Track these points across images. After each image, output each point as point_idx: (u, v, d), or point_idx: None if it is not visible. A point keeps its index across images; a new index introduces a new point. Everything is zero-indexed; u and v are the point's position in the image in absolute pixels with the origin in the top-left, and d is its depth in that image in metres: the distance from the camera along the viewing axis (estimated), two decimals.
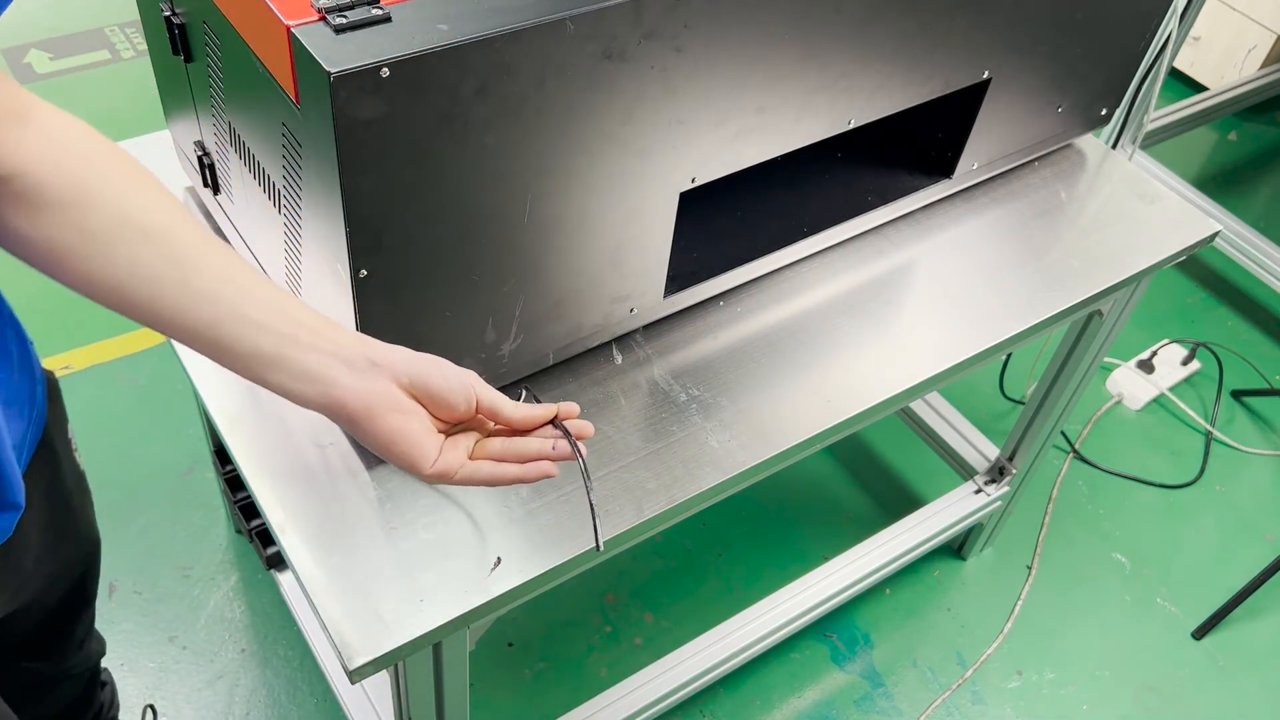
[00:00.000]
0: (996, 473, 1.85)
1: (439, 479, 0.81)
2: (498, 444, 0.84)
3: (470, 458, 0.82)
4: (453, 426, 0.83)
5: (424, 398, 0.79)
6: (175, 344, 1.14)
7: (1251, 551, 2.06)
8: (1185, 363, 2.34)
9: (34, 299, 2.00)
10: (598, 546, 0.92)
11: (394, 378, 0.78)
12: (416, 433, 0.78)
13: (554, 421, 0.85)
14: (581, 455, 0.85)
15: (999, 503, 1.87)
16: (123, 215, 0.71)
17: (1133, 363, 2.32)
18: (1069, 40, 1.30)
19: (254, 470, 1.04)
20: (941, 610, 1.93)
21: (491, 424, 0.85)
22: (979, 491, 1.85)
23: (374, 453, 0.80)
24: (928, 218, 1.40)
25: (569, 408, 0.86)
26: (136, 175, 0.73)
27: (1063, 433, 2.20)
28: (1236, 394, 2.35)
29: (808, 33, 1.02)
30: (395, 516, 1.00)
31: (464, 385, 0.80)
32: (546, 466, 0.84)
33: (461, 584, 0.96)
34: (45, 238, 0.68)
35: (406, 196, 0.86)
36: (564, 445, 0.84)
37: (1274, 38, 2.87)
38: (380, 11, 0.80)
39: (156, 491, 1.92)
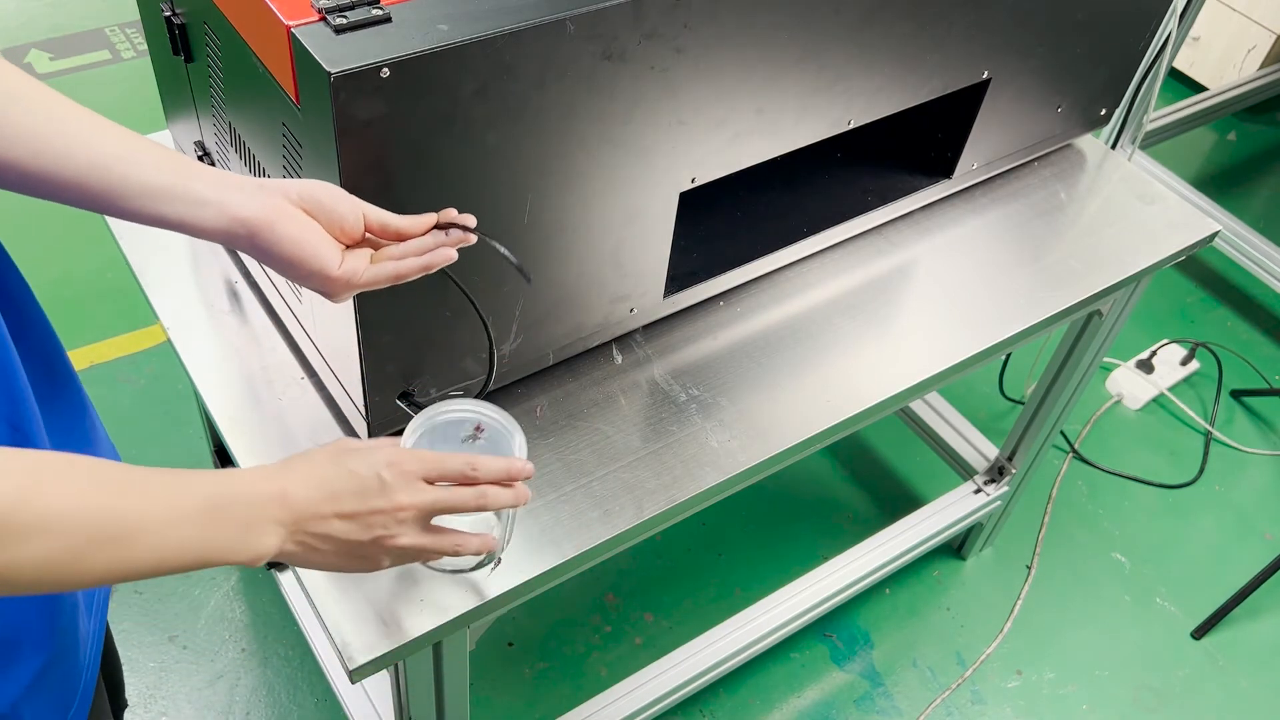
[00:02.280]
0: (996, 473, 1.85)
1: (346, 285, 0.80)
2: (396, 248, 0.83)
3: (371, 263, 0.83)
4: (351, 245, 0.82)
5: (316, 212, 0.79)
6: (175, 344, 1.14)
7: (1251, 551, 2.06)
8: (1185, 363, 2.34)
9: None
10: (527, 279, 0.90)
11: (285, 195, 0.78)
12: (317, 240, 0.78)
13: (440, 226, 0.84)
14: (475, 230, 0.85)
15: (998, 503, 1.87)
16: None
17: (1132, 363, 2.32)
18: (1069, 40, 1.30)
19: None
20: (941, 610, 1.93)
21: (383, 243, 0.84)
22: (978, 491, 1.85)
23: (281, 273, 0.80)
24: (927, 218, 1.40)
25: (447, 212, 0.85)
26: None
27: (1062, 433, 2.20)
28: (1236, 394, 2.35)
29: (807, 33, 1.02)
30: None
31: (353, 202, 0.80)
32: (446, 251, 0.83)
33: (461, 584, 0.96)
34: None
35: (407, 197, 0.86)
36: (456, 232, 0.84)
37: (1273, 38, 2.87)
38: (380, 11, 0.80)
39: None
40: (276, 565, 1.71)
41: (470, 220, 0.84)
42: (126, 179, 0.75)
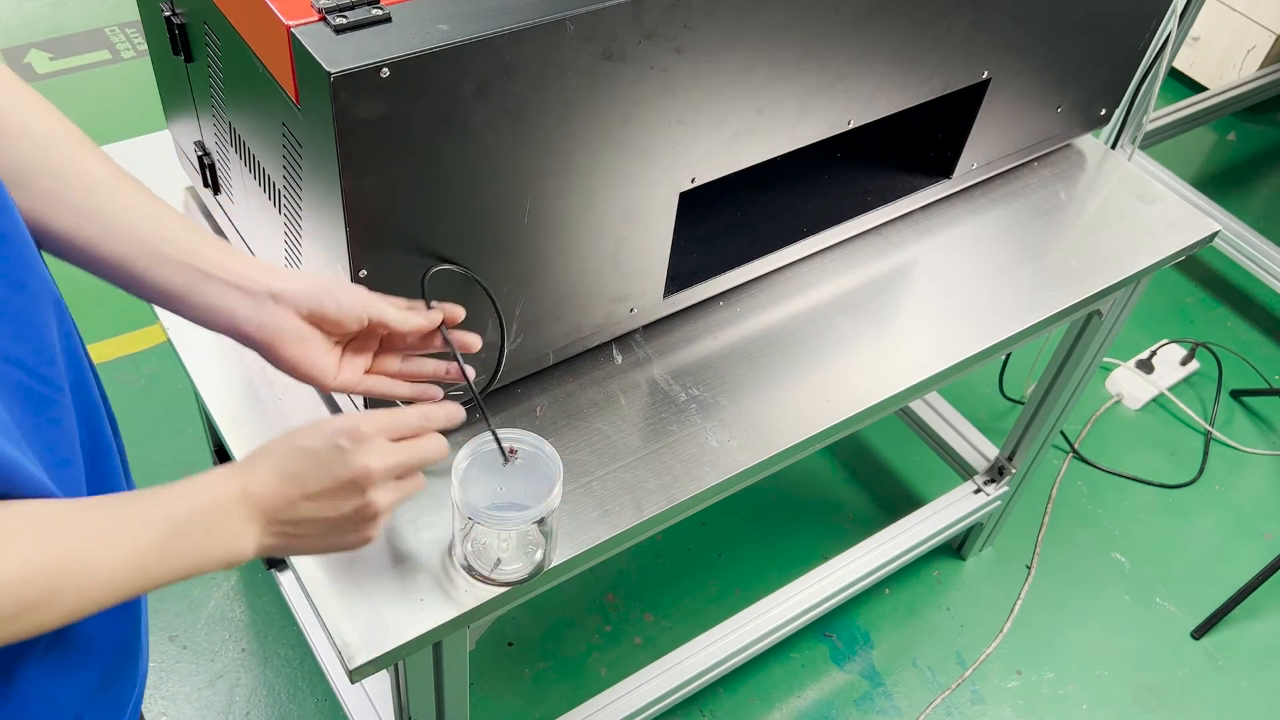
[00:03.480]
0: (996, 472, 1.85)
1: (343, 391, 0.88)
2: (396, 364, 0.92)
3: (370, 372, 0.90)
4: (349, 337, 0.87)
5: (320, 322, 0.83)
6: (175, 344, 1.14)
7: (1250, 551, 2.06)
8: (1184, 363, 2.34)
9: None
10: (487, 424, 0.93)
11: (294, 309, 0.82)
12: (316, 356, 0.84)
13: (441, 330, 0.91)
14: (466, 375, 0.93)
15: (998, 502, 1.87)
16: (39, 148, 0.73)
17: (1132, 363, 2.32)
18: (1068, 40, 1.30)
19: None
20: (941, 610, 1.93)
21: (384, 333, 0.89)
22: (978, 491, 1.85)
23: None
24: (927, 218, 1.40)
25: (453, 311, 0.91)
26: (47, 112, 0.75)
27: (1062, 432, 2.20)
28: (1236, 394, 2.35)
29: (807, 33, 1.02)
30: (396, 516, 1.00)
31: (355, 306, 0.84)
32: (434, 390, 0.93)
33: (462, 584, 0.96)
34: None
35: (406, 196, 0.86)
36: (456, 369, 0.92)
37: (1273, 38, 2.87)
38: (380, 11, 0.80)
39: None
40: (276, 565, 1.71)
41: (473, 343, 0.93)
42: (148, 273, 0.78)
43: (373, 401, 0.97)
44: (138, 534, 0.65)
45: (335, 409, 1.09)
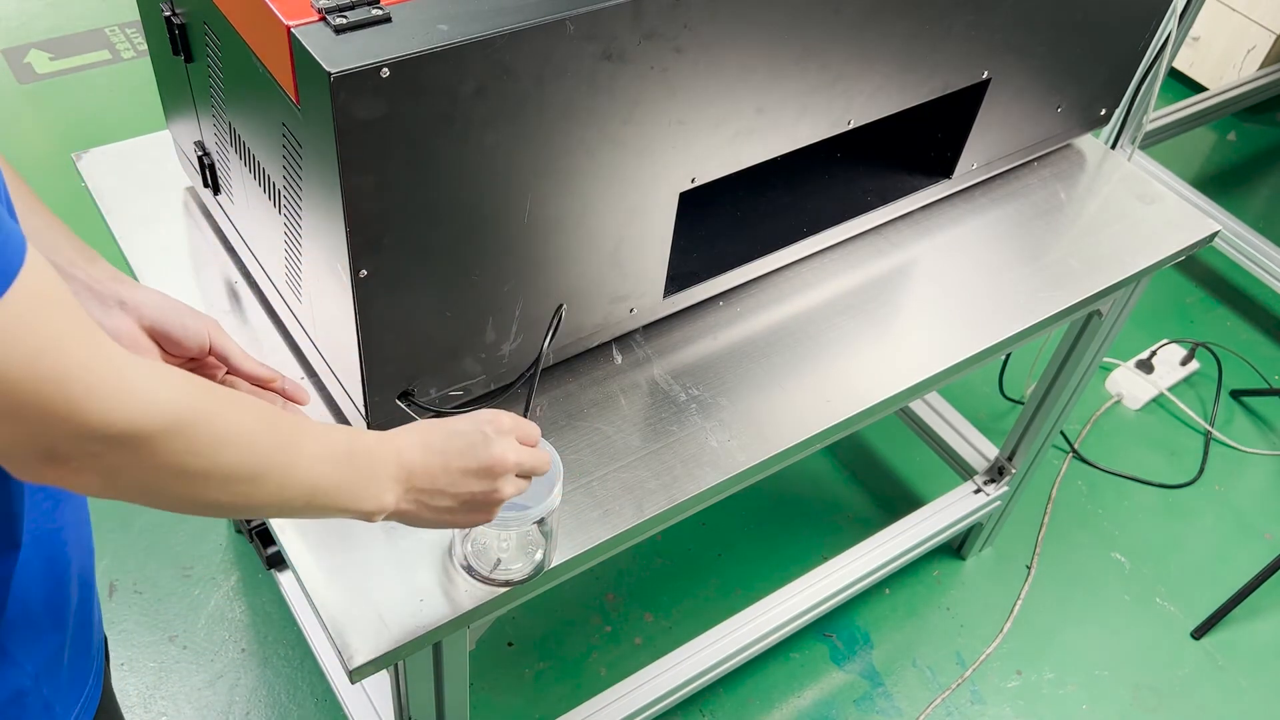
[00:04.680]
0: (996, 473, 1.85)
1: None
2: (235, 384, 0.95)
3: None
4: (188, 362, 0.90)
5: (161, 340, 0.87)
6: None
7: (1250, 551, 2.06)
8: (1184, 363, 2.34)
9: None
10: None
11: (138, 319, 0.85)
12: None
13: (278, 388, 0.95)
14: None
15: (998, 502, 1.87)
16: None
17: (1132, 363, 2.32)
18: (1068, 40, 1.30)
19: None
20: (941, 610, 1.93)
21: (223, 370, 0.93)
22: (978, 491, 1.85)
23: None
24: (927, 218, 1.40)
25: (294, 388, 0.96)
26: None
27: (1062, 433, 2.20)
28: (1235, 394, 2.35)
29: (807, 33, 1.02)
30: None
31: (198, 332, 0.88)
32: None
33: (461, 584, 0.96)
34: None
35: (406, 196, 0.86)
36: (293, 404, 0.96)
37: (1273, 38, 2.87)
38: (380, 11, 0.80)
39: None
40: (276, 565, 1.71)
41: (302, 399, 0.96)
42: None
43: (383, 427, 0.97)
44: (323, 451, 0.72)
45: (340, 424, 1.09)
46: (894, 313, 1.27)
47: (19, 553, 0.72)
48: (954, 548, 2.01)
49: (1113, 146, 2.07)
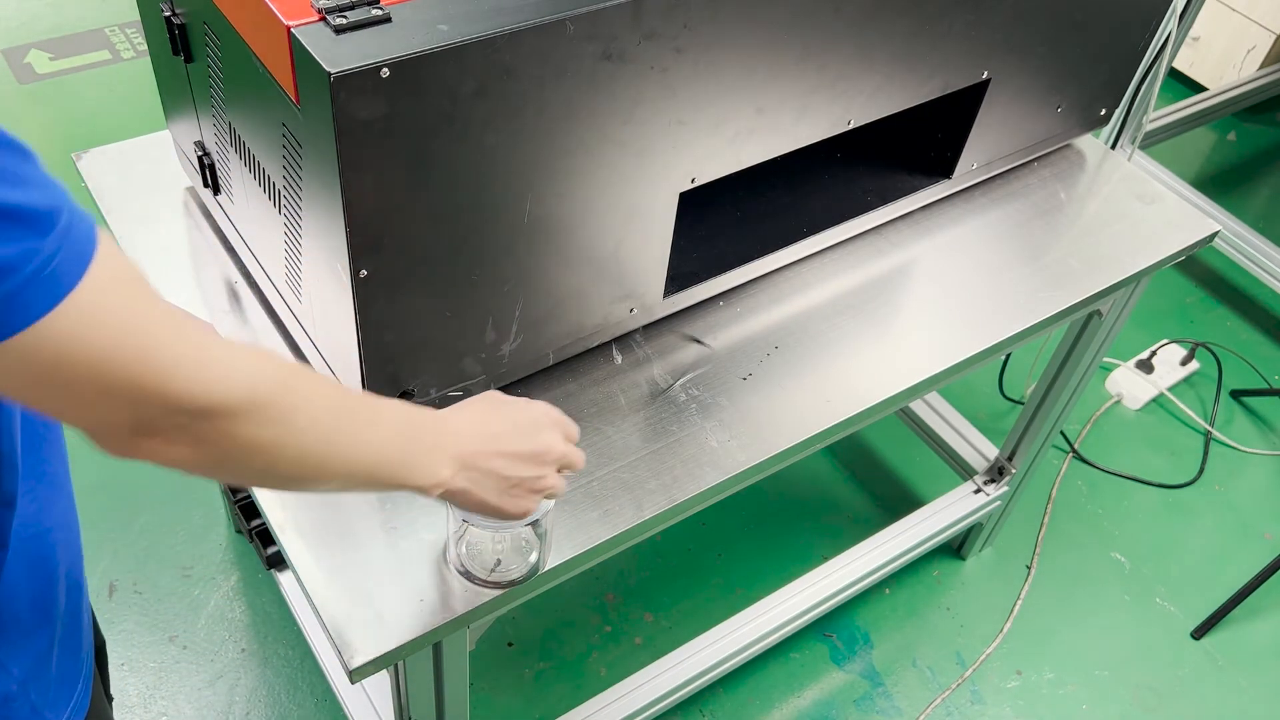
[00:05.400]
0: (996, 473, 1.85)
1: None
2: None
3: None
4: None
5: None
6: None
7: (1250, 551, 2.06)
8: (1184, 363, 2.34)
9: None
10: None
11: None
12: None
13: None
14: None
15: (998, 503, 1.87)
16: None
17: (1132, 363, 2.32)
18: (1068, 40, 1.30)
19: None
20: (941, 610, 1.93)
21: None
22: (978, 491, 1.85)
23: None
24: (927, 218, 1.40)
25: None
26: None
27: (1062, 433, 2.20)
28: (1235, 394, 2.35)
29: (807, 33, 1.02)
30: (395, 516, 1.00)
31: None
32: None
33: (462, 584, 0.96)
34: None
35: (406, 196, 0.86)
36: None
37: (1273, 38, 2.87)
38: (380, 11, 0.80)
39: (156, 491, 1.92)
40: (276, 565, 1.71)
41: None
42: None
43: None
44: (387, 426, 0.75)
45: None
46: (894, 313, 1.27)
47: (6, 554, 0.73)
48: (954, 548, 2.01)
49: (1113, 146, 2.07)
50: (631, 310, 1.14)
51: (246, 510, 1.70)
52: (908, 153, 1.39)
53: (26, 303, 0.52)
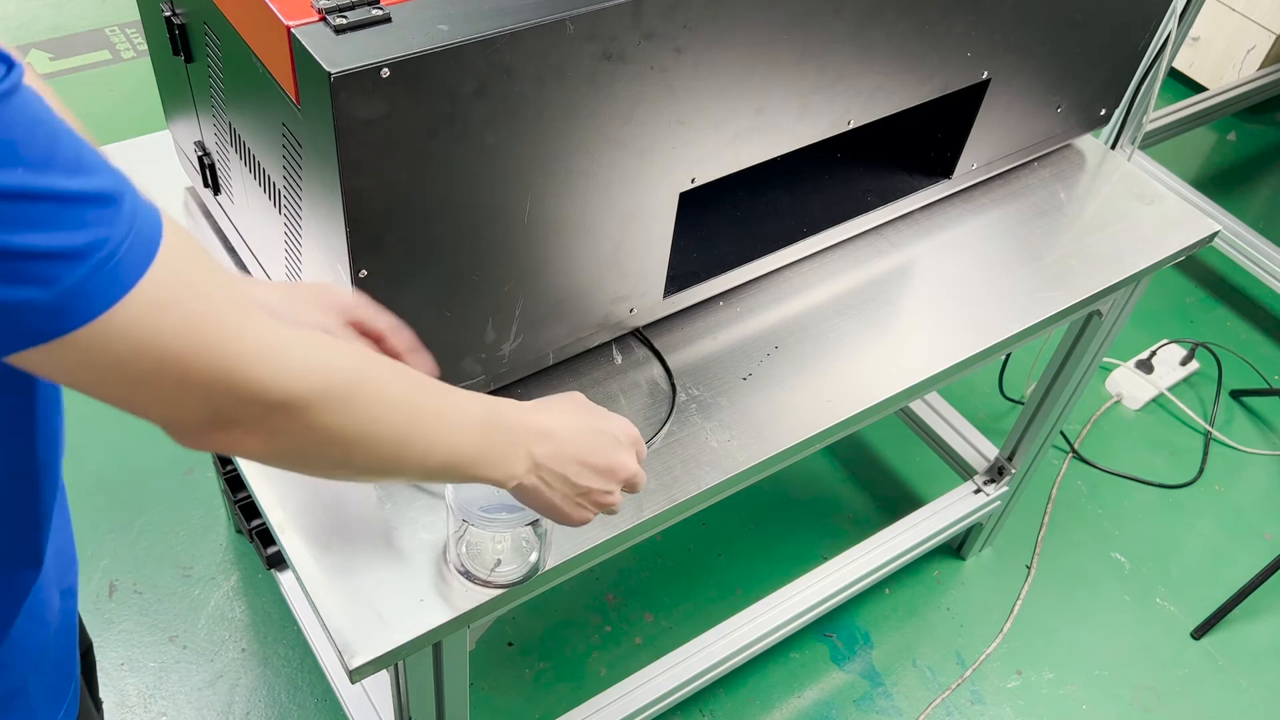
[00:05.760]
0: (996, 473, 1.85)
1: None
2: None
3: None
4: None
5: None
6: None
7: (1250, 551, 2.06)
8: (1184, 363, 2.34)
9: None
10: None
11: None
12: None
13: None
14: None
15: (998, 503, 1.87)
16: None
17: (1132, 363, 2.32)
18: (1068, 40, 1.30)
19: (254, 470, 1.04)
20: (941, 610, 1.93)
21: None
22: (978, 491, 1.85)
23: None
24: (927, 218, 1.40)
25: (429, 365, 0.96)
26: None
27: (1062, 433, 2.20)
28: (1235, 394, 2.35)
29: (807, 33, 1.02)
30: (395, 516, 1.01)
31: (334, 311, 0.89)
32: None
33: (462, 584, 0.96)
34: None
35: (406, 196, 0.86)
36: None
37: (1273, 38, 2.87)
38: (380, 11, 0.80)
39: (156, 491, 1.92)
40: (276, 565, 1.71)
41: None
42: None
43: None
44: (466, 420, 0.75)
45: None
46: (894, 313, 1.27)
47: (18, 614, 0.73)
48: (954, 548, 2.01)
49: (1113, 146, 2.07)
50: (631, 310, 1.14)
51: (246, 510, 1.70)
52: (908, 153, 1.39)
53: (97, 291, 0.51)
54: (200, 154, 1.15)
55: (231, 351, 0.57)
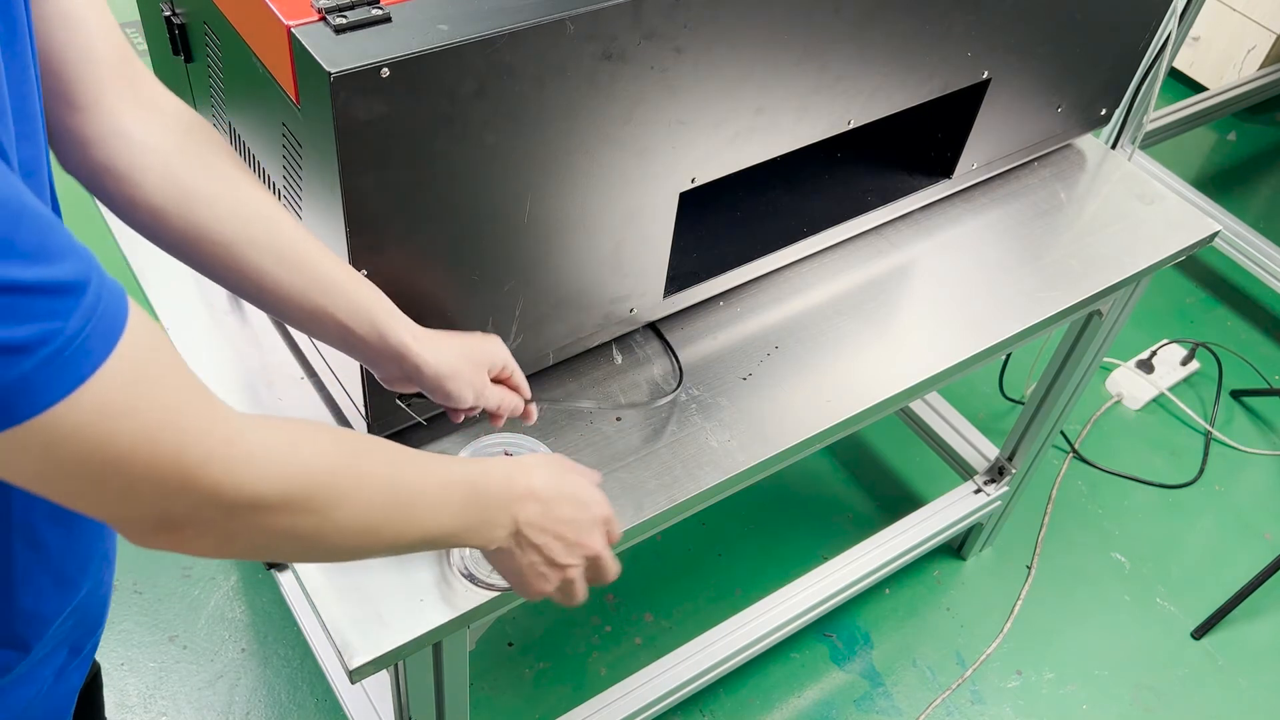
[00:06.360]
0: (996, 473, 1.85)
1: (475, 405, 0.94)
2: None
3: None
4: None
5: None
6: (175, 344, 1.14)
7: (1250, 551, 2.06)
8: (1184, 363, 2.34)
9: None
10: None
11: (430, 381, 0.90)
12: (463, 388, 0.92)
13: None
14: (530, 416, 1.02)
15: (998, 503, 1.87)
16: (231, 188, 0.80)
17: (1132, 363, 2.32)
18: (1068, 40, 1.30)
19: None
20: (941, 610, 1.93)
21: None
22: (978, 491, 1.85)
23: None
24: (927, 218, 1.40)
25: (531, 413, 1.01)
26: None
27: (1062, 433, 2.20)
28: (1236, 394, 2.35)
29: (807, 33, 1.02)
30: None
31: (483, 372, 0.94)
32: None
33: (461, 583, 0.96)
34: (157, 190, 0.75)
35: (406, 196, 0.86)
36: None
37: (1273, 38, 2.87)
38: (380, 11, 0.80)
39: None
40: (276, 565, 1.71)
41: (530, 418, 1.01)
42: (347, 322, 0.85)
43: (383, 427, 0.97)
44: (444, 499, 0.73)
45: (340, 424, 1.09)
46: (894, 313, 1.27)
47: (28, 652, 0.73)
48: (954, 548, 2.01)
49: (1113, 146, 2.07)
50: (631, 310, 1.14)
51: None
52: (908, 153, 1.39)
53: (41, 386, 0.47)
54: None
55: (190, 455, 0.54)
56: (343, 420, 1.08)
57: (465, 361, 0.90)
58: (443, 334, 0.90)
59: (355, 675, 0.90)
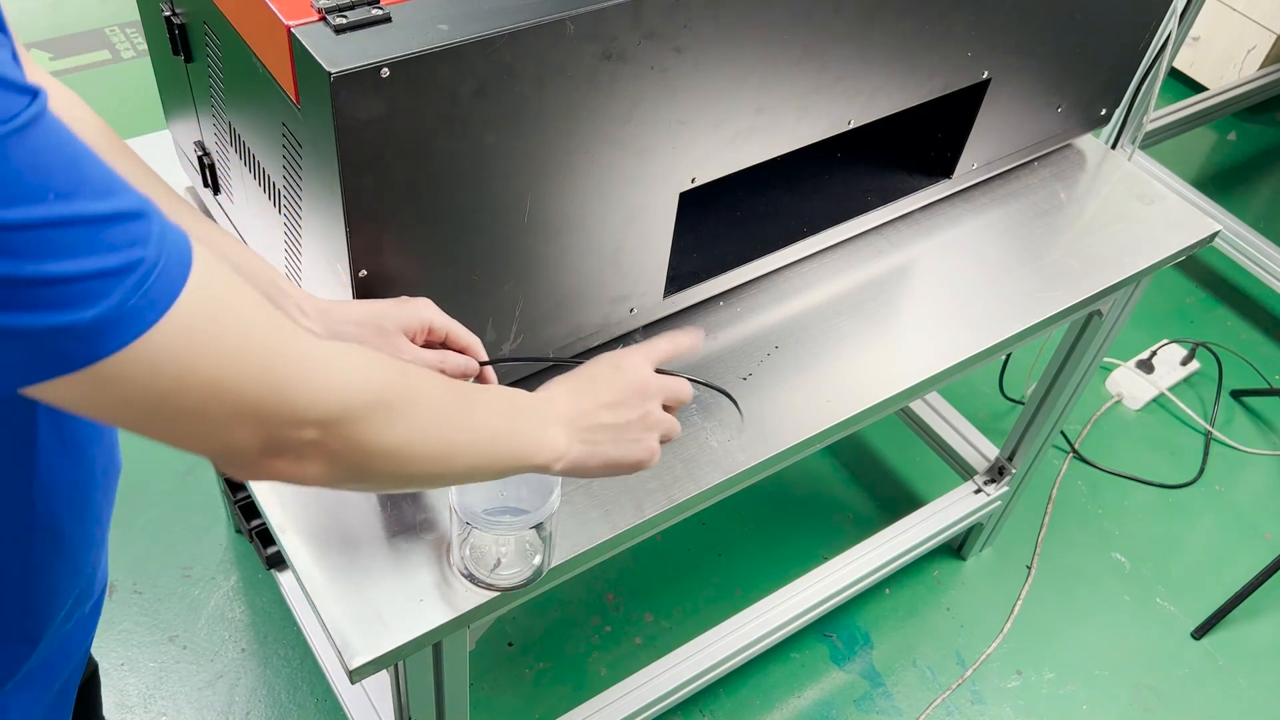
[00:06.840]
0: (996, 473, 1.85)
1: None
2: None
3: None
4: None
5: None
6: None
7: (1251, 551, 2.06)
8: (1185, 363, 2.34)
9: None
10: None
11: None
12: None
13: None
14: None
15: (998, 503, 1.87)
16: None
17: (1132, 363, 2.32)
18: (1068, 40, 1.30)
19: None
20: (941, 610, 1.93)
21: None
22: (978, 491, 1.85)
23: None
24: (927, 218, 1.40)
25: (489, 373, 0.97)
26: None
27: (1062, 433, 2.20)
28: (1236, 394, 2.35)
29: (807, 33, 1.02)
30: (394, 516, 1.00)
31: (410, 327, 0.91)
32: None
33: (461, 583, 0.96)
34: None
35: (407, 196, 0.86)
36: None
37: (1273, 38, 2.87)
38: (380, 11, 0.80)
39: (156, 491, 1.93)
40: (276, 565, 1.71)
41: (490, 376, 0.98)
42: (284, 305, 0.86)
43: None
44: (495, 411, 0.75)
45: None
46: (894, 313, 1.27)
47: (12, 682, 0.73)
48: (954, 548, 2.01)
49: (1113, 146, 2.07)
50: (631, 310, 1.14)
51: (246, 510, 1.70)
52: (908, 153, 1.39)
53: (133, 313, 0.48)
54: (200, 154, 1.15)
55: (277, 373, 0.56)
56: None
57: (370, 330, 0.87)
58: (347, 302, 0.89)
59: (355, 675, 0.90)
